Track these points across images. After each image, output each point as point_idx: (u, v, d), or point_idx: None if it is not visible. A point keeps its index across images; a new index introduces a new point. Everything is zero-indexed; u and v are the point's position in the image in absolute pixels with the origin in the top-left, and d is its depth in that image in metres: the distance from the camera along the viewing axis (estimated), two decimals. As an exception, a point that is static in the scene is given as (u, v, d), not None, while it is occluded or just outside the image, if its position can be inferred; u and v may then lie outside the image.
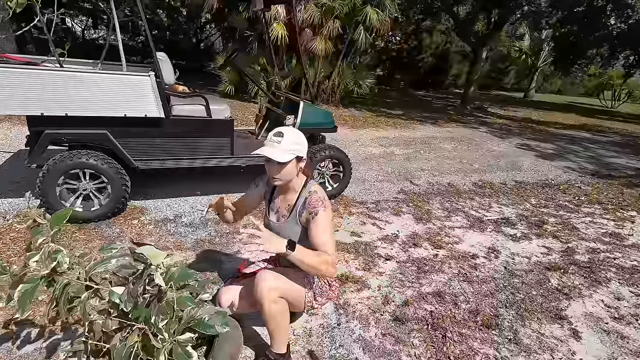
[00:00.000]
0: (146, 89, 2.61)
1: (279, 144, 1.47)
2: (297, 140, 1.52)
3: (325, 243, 1.48)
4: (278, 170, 1.51)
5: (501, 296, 2.35)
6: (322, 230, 1.50)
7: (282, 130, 1.51)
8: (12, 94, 2.29)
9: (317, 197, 1.55)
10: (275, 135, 1.50)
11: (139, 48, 14.05)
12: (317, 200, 1.54)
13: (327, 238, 1.49)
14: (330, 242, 1.49)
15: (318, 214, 1.51)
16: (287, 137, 1.48)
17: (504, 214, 3.76)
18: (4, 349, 1.62)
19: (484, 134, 8.33)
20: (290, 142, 1.49)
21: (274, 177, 1.54)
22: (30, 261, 1.17)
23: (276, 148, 1.47)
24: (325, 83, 9.39)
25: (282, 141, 1.47)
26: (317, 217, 1.51)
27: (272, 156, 1.45)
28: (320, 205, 1.53)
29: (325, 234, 1.50)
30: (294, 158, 1.50)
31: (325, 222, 1.51)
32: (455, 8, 12.68)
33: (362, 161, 5.16)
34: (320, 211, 1.52)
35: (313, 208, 1.52)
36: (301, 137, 1.54)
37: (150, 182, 3.53)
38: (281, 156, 1.46)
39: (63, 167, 2.55)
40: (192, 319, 1.19)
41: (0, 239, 2.44)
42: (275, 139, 1.48)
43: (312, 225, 1.51)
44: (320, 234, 1.49)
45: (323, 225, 1.51)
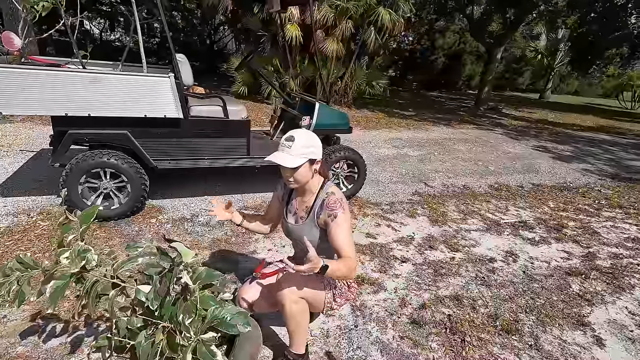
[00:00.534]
0: (166, 90, 2.65)
1: (289, 149, 1.47)
2: (308, 143, 1.50)
3: (345, 245, 1.48)
4: (291, 174, 1.51)
5: (521, 301, 2.31)
6: (342, 232, 1.50)
7: (293, 134, 1.50)
8: (39, 95, 2.36)
9: (335, 199, 1.55)
10: (286, 140, 1.49)
11: (154, 49, 14.29)
12: (335, 201, 1.54)
13: (347, 240, 1.50)
14: (350, 244, 1.50)
15: (337, 216, 1.51)
16: (298, 140, 1.47)
17: (522, 217, 3.69)
18: (31, 342, 1.66)
19: (499, 136, 8.20)
20: (302, 145, 1.48)
21: (288, 180, 1.55)
22: (61, 257, 1.20)
23: (287, 153, 1.47)
24: (338, 84, 9.39)
25: (292, 145, 1.47)
26: (337, 219, 1.51)
27: (283, 162, 1.46)
28: (339, 207, 1.53)
29: (345, 236, 1.50)
30: (306, 161, 1.49)
31: (344, 224, 1.51)
32: (469, 8, 12.52)
33: (375, 162, 5.13)
34: (339, 213, 1.52)
35: (331, 210, 1.52)
36: (314, 139, 1.53)
37: (168, 181, 3.58)
38: (292, 161, 1.46)
39: (85, 166, 2.61)
40: (215, 318, 1.20)
41: (25, 236, 2.51)
42: (287, 144, 1.48)
43: (332, 227, 1.51)
44: (341, 237, 1.49)
45: (342, 227, 1.51)
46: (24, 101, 2.34)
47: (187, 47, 14.65)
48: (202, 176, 3.80)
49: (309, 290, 1.55)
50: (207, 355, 1.14)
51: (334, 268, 1.41)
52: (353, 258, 1.47)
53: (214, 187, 3.65)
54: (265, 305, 1.70)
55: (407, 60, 18.60)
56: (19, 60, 2.58)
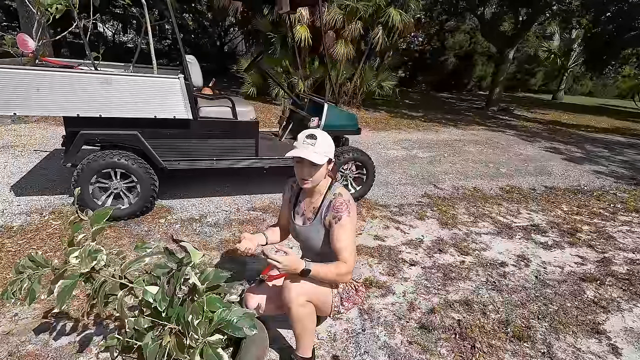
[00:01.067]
0: (175, 91, 2.67)
1: (313, 147, 1.47)
2: (329, 142, 1.53)
3: (344, 248, 1.47)
4: (311, 173, 1.51)
5: (533, 307, 2.26)
6: (344, 235, 1.49)
7: (314, 132, 1.51)
8: (52, 95, 2.39)
9: (342, 200, 1.54)
10: (308, 138, 1.50)
11: (166, 51, 14.47)
12: (341, 203, 1.53)
13: (348, 243, 1.48)
14: (350, 247, 1.48)
15: (342, 218, 1.50)
16: (320, 139, 1.49)
17: (534, 220, 3.62)
18: (41, 341, 1.68)
19: (511, 137, 8.08)
20: (324, 144, 1.49)
21: (305, 180, 1.53)
22: (70, 257, 1.21)
23: (311, 150, 1.47)
24: (347, 85, 9.37)
25: (316, 144, 1.47)
26: (341, 222, 1.50)
27: (311, 158, 1.45)
28: (345, 210, 1.52)
29: (347, 239, 1.49)
30: (326, 160, 1.51)
31: (347, 226, 1.50)
32: (481, 8, 12.38)
33: (384, 164, 5.10)
34: (344, 216, 1.51)
35: (337, 212, 1.52)
36: (331, 140, 1.55)
37: (177, 182, 3.61)
38: (318, 158, 1.46)
39: (96, 167, 2.64)
40: (222, 320, 1.20)
41: (38, 235, 2.55)
42: (309, 141, 1.48)
43: (335, 228, 1.51)
44: (342, 239, 1.49)
45: (345, 229, 1.50)
46: (37, 102, 2.38)
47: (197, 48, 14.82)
48: (210, 176, 3.82)
49: (316, 293, 1.53)
50: (214, 357, 1.14)
51: (319, 270, 1.43)
52: (348, 263, 1.45)
53: (223, 187, 3.67)
54: (272, 308, 1.68)
55: (417, 61, 18.47)
56: (32, 62, 2.62)
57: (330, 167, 1.58)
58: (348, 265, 1.46)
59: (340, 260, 1.47)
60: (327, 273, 1.44)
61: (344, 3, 7.96)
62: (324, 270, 1.43)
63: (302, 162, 1.49)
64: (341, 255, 1.46)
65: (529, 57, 20.46)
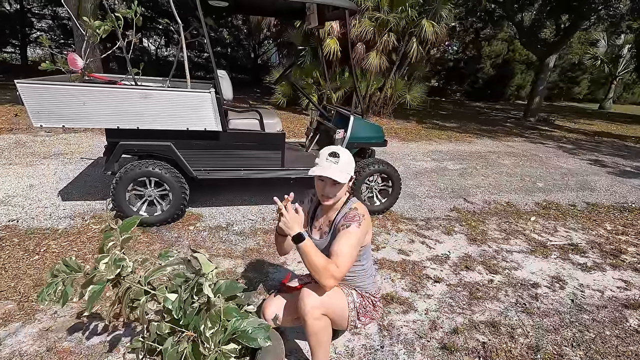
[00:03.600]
0: (207, 105, 2.80)
1: (336, 165, 1.48)
2: (350, 160, 1.54)
3: (339, 254, 1.43)
4: (334, 191, 1.53)
5: (567, 333, 2.11)
6: (345, 241, 1.46)
7: (336, 150, 1.52)
8: (96, 109, 2.59)
9: (355, 213, 1.53)
10: (331, 156, 1.50)
11: (203, 64, 15.17)
12: (354, 215, 1.52)
13: (345, 251, 1.44)
14: (346, 256, 1.43)
15: (349, 227, 1.49)
16: (342, 157, 1.50)
17: (572, 239, 3.40)
18: (75, 338, 1.80)
19: (550, 149, 7.67)
20: (346, 162, 1.51)
21: (327, 197, 1.55)
22: (100, 263, 1.30)
23: (334, 169, 1.48)
24: (377, 95, 9.35)
25: (339, 162, 1.49)
26: (348, 229, 1.49)
27: (335, 177, 1.46)
28: (356, 221, 1.50)
29: (345, 246, 1.44)
30: (347, 180, 1.52)
31: (352, 236, 1.47)
32: (519, 15, 11.95)
33: (412, 176, 5.01)
34: (352, 225, 1.49)
35: (347, 221, 1.51)
36: (352, 157, 1.56)
37: (206, 190, 3.75)
38: (341, 177, 1.48)
39: (132, 175, 2.81)
40: (236, 330, 1.23)
41: (79, 238, 2.74)
42: (332, 159, 1.49)
43: (340, 233, 1.49)
44: (341, 244, 1.45)
45: (348, 238, 1.47)
46: (83, 115, 2.59)
47: (233, 61, 15.43)
48: (239, 186, 3.94)
49: (332, 306, 1.53)
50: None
51: (310, 251, 1.39)
52: (340, 268, 1.41)
53: (250, 196, 3.76)
54: (289, 319, 1.70)
55: (451, 70, 18.11)
56: (80, 79, 2.86)
57: (351, 183, 1.59)
58: (337, 271, 1.40)
59: (332, 261, 1.42)
60: (316, 259, 1.39)
61: (374, 15, 8.00)
62: (315, 253, 1.40)
63: (325, 180, 1.51)
64: (335, 258, 1.42)
65: (572, 65, 19.43)
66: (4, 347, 1.71)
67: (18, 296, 2.05)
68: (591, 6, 10.42)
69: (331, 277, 1.40)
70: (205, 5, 3.02)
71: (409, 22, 8.15)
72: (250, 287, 2.31)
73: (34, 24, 13.64)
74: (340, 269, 1.41)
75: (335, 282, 1.42)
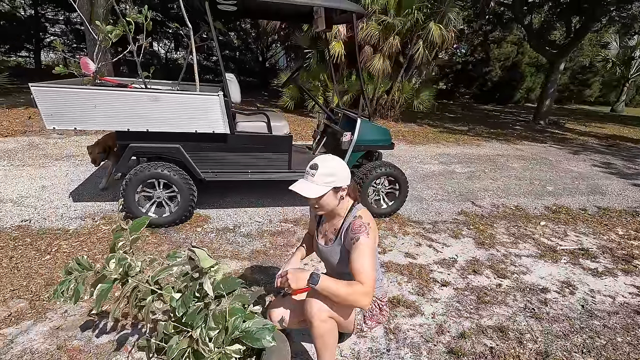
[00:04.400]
0: (215, 108, 2.83)
1: (313, 177, 1.48)
2: (332, 171, 1.49)
3: (361, 270, 1.41)
4: (315, 202, 1.52)
5: (577, 339, 2.08)
6: (361, 256, 1.44)
7: (317, 162, 1.50)
8: (107, 112, 2.64)
9: (360, 223, 1.51)
10: (310, 168, 1.50)
11: (212, 67, 15.33)
12: (359, 225, 1.50)
13: (365, 266, 1.42)
14: (368, 270, 1.41)
15: (359, 240, 1.47)
16: (321, 169, 1.47)
17: (583, 244, 3.34)
18: (85, 337, 1.83)
19: (560, 153, 7.57)
20: (325, 174, 1.47)
21: (313, 207, 1.56)
22: (109, 263, 1.32)
23: (310, 182, 1.48)
24: (385, 98, 9.34)
25: (316, 174, 1.47)
26: (358, 243, 1.47)
27: (303, 193, 1.46)
28: (363, 231, 1.48)
29: (364, 261, 1.43)
30: (329, 190, 1.49)
31: (365, 248, 1.45)
32: (528, 17, 11.85)
33: (420, 179, 4.99)
34: (361, 237, 1.47)
35: (354, 234, 1.49)
36: (337, 167, 1.51)
37: (214, 192, 3.78)
38: (313, 191, 1.46)
39: (142, 177, 2.85)
40: (240, 330, 1.23)
41: (89, 238, 2.78)
42: (310, 172, 1.49)
43: (352, 250, 1.47)
44: (359, 261, 1.43)
45: (363, 251, 1.45)
46: (95, 118, 2.64)
47: (241, 64, 15.56)
48: (245, 188, 3.96)
49: (339, 309, 1.53)
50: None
51: (329, 284, 1.38)
52: (366, 285, 1.39)
53: (257, 198, 3.78)
54: (295, 321, 1.70)
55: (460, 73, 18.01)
56: (92, 82, 2.91)
57: (342, 193, 1.55)
58: (365, 287, 1.39)
59: (356, 282, 1.41)
60: (338, 289, 1.38)
61: (381, 18, 8.02)
62: (335, 285, 1.39)
63: None
64: (358, 276, 1.41)
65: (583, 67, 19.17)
66: (15, 345, 1.74)
67: (30, 295, 2.09)
68: (603, 7, 10.29)
69: (363, 296, 1.38)
70: (214, 9, 3.06)
71: (416, 25, 8.14)
72: (258, 289, 2.32)
73: (47, 29, 13.95)
74: (367, 283, 1.39)
75: (369, 298, 1.40)
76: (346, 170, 1.54)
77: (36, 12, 13.37)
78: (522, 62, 17.51)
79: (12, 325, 1.87)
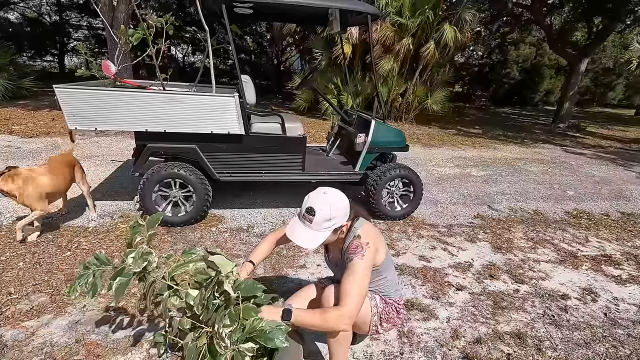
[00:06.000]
0: (230, 109, 2.86)
1: (310, 224, 1.42)
2: (329, 215, 1.41)
3: (347, 293, 1.37)
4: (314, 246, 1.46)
5: (599, 348, 2.00)
6: (351, 279, 1.40)
7: (314, 205, 1.42)
8: (126, 113, 2.71)
9: (357, 244, 1.47)
10: (307, 212, 1.42)
11: (228, 70, 15.55)
12: (355, 247, 1.46)
13: (352, 288, 1.37)
14: (353, 294, 1.36)
15: (352, 260, 1.44)
16: (318, 215, 1.40)
17: (606, 250, 3.23)
18: (102, 331, 1.87)
19: (582, 157, 7.35)
20: (323, 220, 1.41)
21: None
22: (128, 257, 1.35)
23: (308, 227, 1.43)
24: (399, 100, 9.28)
25: (314, 220, 1.41)
26: (350, 264, 1.44)
27: (304, 245, 1.41)
28: (358, 252, 1.44)
29: (353, 284, 1.38)
30: (329, 233, 1.45)
31: (357, 269, 1.41)
32: (548, 18, 11.60)
33: (435, 182, 4.92)
34: (355, 259, 1.43)
35: (349, 254, 1.46)
36: (334, 208, 1.43)
37: (228, 192, 3.82)
38: (314, 242, 1.42)
39: (158, 176, 2.91)
40: (254, 329, 1.24)
41: (107, 236, 2.85)
42: (308, 217, 1.42)
43: (345, 271, 1.45)
44: (347, 282, 1.39)
45: (352, 273, 1.41)
46: (115, 119, 2.71)
47: (256, 67, 15.73)
48: (259, 189, 3.99)
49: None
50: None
51: (304, 318, 1.35)
52: (346, 308, 1.34)
53: (271, 199, 3.80)
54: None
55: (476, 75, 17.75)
56: (113, 84, 2.99)
57: (344, 227, 1.50)
58: (342, 310, 1.34)
59: (340, 305, 1.37)
60: (314, 320, 1.35)
61: (394, 19, 7.98)
62: (310, 317, 1.36)
63: None
64: (342, 299, 1.36)
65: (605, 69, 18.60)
66: (36, 338, 1.80)
67: (50, 290, 2.16)
68: (627, 7, 9.97)
69: (338, 321, 1.34)
70: (231, 12, 3.11)
71: (430, 27, 8.08)
72: (270, 289, 2.33)
73: (71, 34, 14.44)
74: (348, 307, 1.35)
75: (347, 321, 1.36)
76: (344, 205, 1.47)
77: (61, 18, 13.87)
78: (541, 64, 17.13)
79: (34, 318, 1.92)
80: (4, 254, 2.47)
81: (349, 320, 1.35)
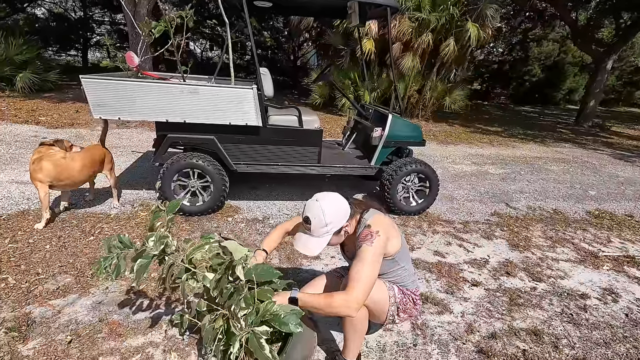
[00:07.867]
0: (249, 101, 2.90)
1: (310, 232, 1.45)
2: (323, 221, 1.42)
3: (354, 278, 1.37)
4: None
5: (619, 348, 1.96)
6: (359, 265, 1.40)
7: (307, 214, 1.44)
8: (148, 103, 2.78)
9: (367, 232, 1.48)
10: (304, 221, 1.45)
11: (245, 65, 15.68)
12: (365, 235, 1.47)
13: (360, 274, 1.38)
14: (360, 278, 1.36)
15: (361, 247, 1.45)
16: (314, 223, 1.42)
17: (628, 251, 3.13)
18: (124, 312, 1.94)
19: (605, 156, 7.12)
20: (319, 226, 1.43)
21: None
22: (148, 240, 1.39)
23: (309, 235, 1.46)
24: (416, 96, 9.17)
25: (312, 228, 1.43)
26: (359, 251, 1.45)
27: (307, 253, 1.45)
28: (368, 240, 1.45)
29: (360, 269, 1.39)
30: (330, 237, 1.47)
31: (366, 255, 1.42)
32: (573, 13, 11.22)
33: (451, 178, 4.86)
34: (364, 245, 1.44)
35: (359, 242, 1.48)
36: (327, 215, 1.42)
37: (245, 183, 3.88)
38: (316, 248, 1.45)
39: (178, 166, 2.98)
40: (268, 312, 1.26)
41: (128, 223, 2.94)
42: (306, 226, 1.45)
43: (355, 257, 1.46)
44: (356, 268, 1.40)
45: (361, 259, 1.42)
46: (137, 109, 2.78)
47: (273, 62, 15.81)
48: (275, 180, 4.03)
49: (374, 296, 1.50)
50: (257, 347, 1.21)
51: (307, 301, 1.37)
52: (353, 293, 1.34)
53: (286, 191, 3.84)
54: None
55: (496, 72, 17.36)
56: (135, 75, 3.07)
57: (346, 227, 1.50)
58: (348, 295, 1.34)
59: (347, 290, 1.36)
60: (319, 303, 1.37)
61: (415, 15, 7.87)
62: (316, 300, 1.38)
63: None
64: (349, 283, 1.37)
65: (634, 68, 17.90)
66: (62, 315, 1.88)
67: (75, 272, 2.24)
68: (658, 2, 9.55)
69: (344, 306, 1.34)
70: (250, 5, 3.14)
71: (450, 22, 7.93)
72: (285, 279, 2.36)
73: (94, 29, 14.82)
74: (357, 292, 1.35)
75: (355, 308, 1.36)
76: (340, 209, 1.46)
77: (85, 13, 14.24)
78: (564, 62, 16.61)
79: (60, 297, 2.01)
80: (32, 237, 2.58)
81: (356, 305, 1.35)
